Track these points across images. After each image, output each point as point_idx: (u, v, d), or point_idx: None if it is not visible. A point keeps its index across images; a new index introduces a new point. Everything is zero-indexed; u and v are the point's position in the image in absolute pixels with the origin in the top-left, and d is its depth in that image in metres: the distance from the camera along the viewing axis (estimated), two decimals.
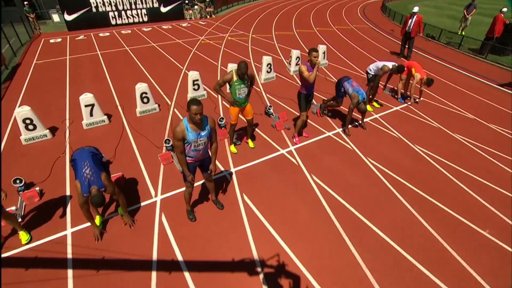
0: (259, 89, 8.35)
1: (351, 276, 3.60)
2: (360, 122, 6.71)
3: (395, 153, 5.88)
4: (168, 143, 5.48)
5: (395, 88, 8.26)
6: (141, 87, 6.63)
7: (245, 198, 4.66)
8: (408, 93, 7.90)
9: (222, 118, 6.30)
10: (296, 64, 9.42)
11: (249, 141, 5.86)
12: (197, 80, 7.40)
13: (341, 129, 6.61)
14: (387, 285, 3.49)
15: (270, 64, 8.65)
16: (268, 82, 8.84)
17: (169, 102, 7.49)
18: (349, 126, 6.58)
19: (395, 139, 6.34)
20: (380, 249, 3.94)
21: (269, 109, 6.88)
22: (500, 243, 4.08)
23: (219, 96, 7.77)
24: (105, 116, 6.49)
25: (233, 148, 5.70)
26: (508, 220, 4.45)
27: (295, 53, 9.16)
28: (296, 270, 3.65)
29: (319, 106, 7.15)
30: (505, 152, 6.09)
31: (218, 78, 8.74)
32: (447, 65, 11.12)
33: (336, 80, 6.74)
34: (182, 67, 9.81)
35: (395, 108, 7.63)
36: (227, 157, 5.55)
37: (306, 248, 3.91)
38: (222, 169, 5.25)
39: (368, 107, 7.49)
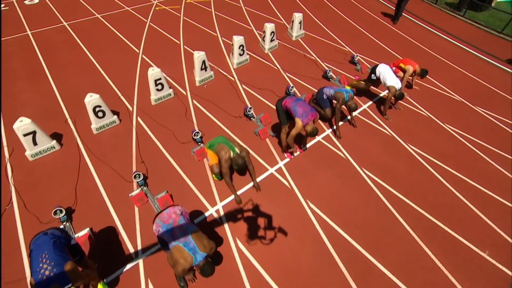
0: (232, 78, 7.23)
1: None
2: (350, 119, 6.11)
3: (389, 157, 5.48)
4: (139, 178, 4.58)
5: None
6: (92, 100, 5.31)
7: (239, 244, 4.12)
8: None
9: (198, 133, 5.35)
10: (271, 40, 8.18)
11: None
12: (160, 79, 6.11)
13: (330, 130, 5.99)
14: None
15: (242, 45, 7.38)
16: (241, 66, 7.66)
17: (130, 108, 6.24)
18: (340, 123, 5.97)
19: (387, 139, 5.89)
20: None
21: (249, 111, 5.97)
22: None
23: (191, 99, 6.61)
24: (54, 141, 5.25)
25: (215, 176, 4.93)
26: (507, 237, 4.40)
27: (269, 28, 7.85)
28: None
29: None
30: (494, 144, 5.93)
31: (184, 65, 7.45)
32: (424, 25, 10.38)
33: (317, 90, 5.95)
34: (137, 50, 8.15)
35: (382, 94, 7.03)
36: (210, 187, 4.81)
37: None
38: (208, 207, 4.55)
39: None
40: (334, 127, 5.91)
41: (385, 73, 6.16)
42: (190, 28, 9.30)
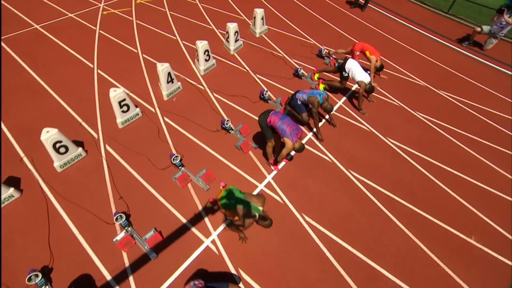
0: (202, 87, 6.74)
1: None
2: (328, 119, 6.01)
3: (372, 154, 5.50)
4: (121, 219, 4.10)
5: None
6: (50, 137, 4.59)
7: (243, 274, 3.89)
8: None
9: (177, 156, 4.92)
10: (236, 40, 7.72)
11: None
12: (124, 100, 5.48)
13: (311, 133, 5.84)
14: None
15: (207, 50, 6.85)
16: (209, 72, 7.17)
17: (95, 135, 5.56)
18: (320, 124, 5.86)
19: (367, 134, 5.90)
20: None
21: (227, 123, 5.60)
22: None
23: (161, 116, 6.05)
24: (11, 189, 4.50)
25: (208, 205, 4.58)
26: (490, 221, 4.64)
27: (232, 28, 7.37)
28: None
29: (286, 107, 6.10)
30: (462, 127, 6.20)
31: (146, 77, 6.79)
32: (380, 10, 10.50)
33: (291, 96, 5.81)
34: (91, 65, 7.25)
35: (354, 87, 7.00)
36: (201, 216, 4.47)
37: None
38: (202, 238, 4.22)
39: (321, 87, 6.73)
40: (315, 129, 5.79)
41: (354, 69, 6.11)
42: (146, 33, 8.48)
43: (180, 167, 4.94)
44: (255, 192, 4.76)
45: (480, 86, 7.45)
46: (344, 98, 6.75)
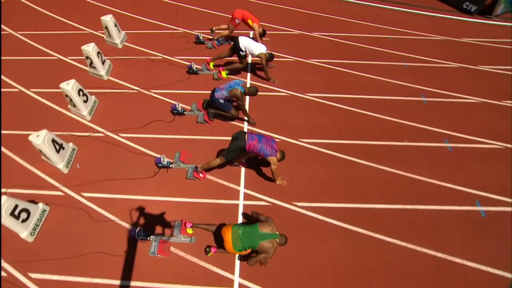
0: (101, 134, 5.20)
1: None
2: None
3: (306, 116, 5.59)
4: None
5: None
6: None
7: None
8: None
9: (140, 230, 3.81)
10: (103, 62, 6.05)
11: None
12: (15, 207, 3.68)
13: (246, 124, 5.44)
14: None
15: (80, 89, 5.16)
16: (95, 112, 5.53)
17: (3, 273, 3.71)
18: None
19: (291, 99, 5.92)
20: None
21: (163, 160, 4.58)
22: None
23: (78, 195, 4.43)
24: None
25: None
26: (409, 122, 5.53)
27: (92, 50, 5.65)
28: None
29: (208, 111, 5.40)
30: (344, 57, 6.86)
31: (19, 160, 4.76)
32: None
33: (209, 100, 5.31)
34: None
35: (250, 59, 6.71)
36: (213, 271, 3.74)
37: None
38: None
39: (224, 74, 6.26)
40: (245, 118, 5.42)
41: (249, 44, 5.80)
42: None
43: (149, 238, 3.90)
44: (239, 213, 4.29)
45: (344, 20, 8.29)
46: (249, 75, 6.46)
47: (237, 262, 3.81)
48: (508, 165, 4.92)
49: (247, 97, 5.81)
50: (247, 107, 5.63)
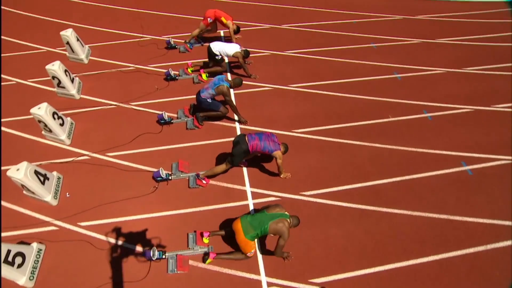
0: (86, 157, 4.76)
1: None
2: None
3: (293, 107, 5.59)
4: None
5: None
6: None
7: (320, 280, 3.56)
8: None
9: (153, 250, 3.54)
10: (72, 80, 5.51)
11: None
12: (7, 254, 3.24)
13: (236, 123, 5.29)
14: None
15: (54, 112, 4.65)
16: (74, 135, 5.03)
17: None
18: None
19: (275, 92, 5.86)
20: None
21: (162, 173, 4.31)
22: None
23: (74, 226, 4.00)
24: None
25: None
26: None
27: (57, 69, 5.10)
28: None
29: (196, 116, 5.16)
30: (315, 45, 6.96)
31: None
32: None
33: (196, 102, 5.09)
34: None
35: (226, 59, 6.52)
36: (240, 276, 3.60)
37: None
38: None
39: (204, 76, 6.04)
40: (236, 117, 5.27)
41: (222, 47, 5.68)
42: None
43: (164, 256, 3.65)
44: (251, 203, 4.19)
45: (309, 9, 8.38)
46: (229, 75, 6.28)
47: (261, 262, 3.71)
48: (480, 125, 5.33)
49: (233, 94, 5.67)
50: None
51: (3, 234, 3.87)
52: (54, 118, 4.64)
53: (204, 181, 4.37)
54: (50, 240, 3.89)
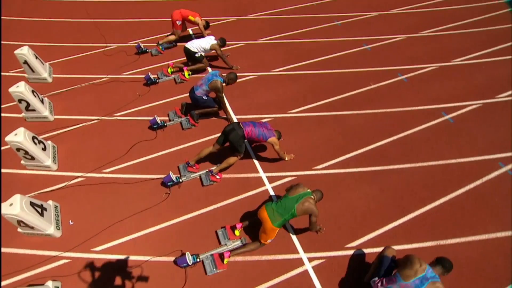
0: (81, 178, 4.23)
1: None
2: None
3: (283, 90, 5.56)
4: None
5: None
6: None
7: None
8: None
9: (184, 258, 3.27)
10: (42, 101, 4.83)
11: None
12: None
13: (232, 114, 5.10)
14: None
15: (35, 137, 4.03)
16: (59, 159, 4.45)
17: None
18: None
19: (262, 80, 5.78)
20: None
21: (174, 176, 4.01)
22: None
23: (87, 253, 3.53)
24: None
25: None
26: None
27: (24, 90, 4.44)
28: None
29: (191, 114, 4.88)
30: (289, 29, 6.98)
31: None
32: None
33: (191, 102, 4.88)
34: None
35: (198, 54, 6.23)
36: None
37: None
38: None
39: (186, 74, 5.75)
40: (226, 116, 5.01)
41: (197, 44, 5.51)
42: None
43: (199, 260, 3.41)
44: (264, 189, 4.11)
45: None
46: (209, 69, 6.02)
47: (296, 241, 3.67)
48: (448, 79, 5.79)
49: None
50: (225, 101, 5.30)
51: (8, 281, 3.31)
52: (35, 143, 4.06)
53: (217, 176, 4.17)
54: (64, 275, 3.42)
